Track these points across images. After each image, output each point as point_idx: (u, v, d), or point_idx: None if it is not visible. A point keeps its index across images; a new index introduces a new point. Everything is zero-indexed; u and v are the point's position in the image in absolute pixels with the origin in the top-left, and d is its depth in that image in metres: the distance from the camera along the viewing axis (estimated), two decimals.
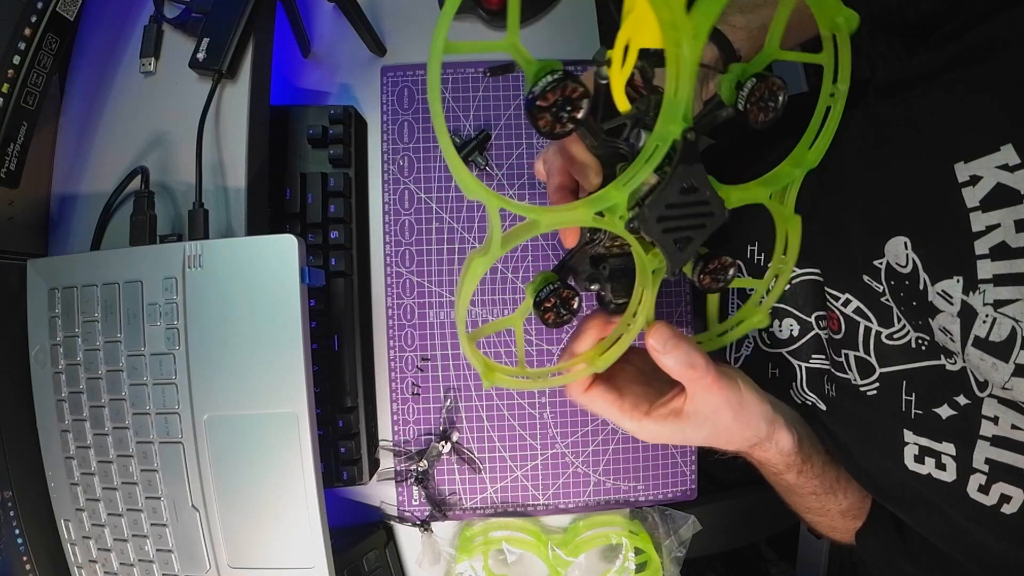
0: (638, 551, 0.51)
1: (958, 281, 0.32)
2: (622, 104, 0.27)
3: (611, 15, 0.57)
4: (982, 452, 0.32)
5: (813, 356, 0.45)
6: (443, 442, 0.52)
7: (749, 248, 0.49)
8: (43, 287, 0.43)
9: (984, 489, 0.32)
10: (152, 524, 0.41)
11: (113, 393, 0.41)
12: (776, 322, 0.47)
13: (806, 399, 0.46)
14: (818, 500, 0.45)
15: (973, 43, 0.33)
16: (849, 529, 0.47)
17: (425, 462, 0.51)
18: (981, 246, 0.30)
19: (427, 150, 0.55)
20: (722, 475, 0.58)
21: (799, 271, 0.45)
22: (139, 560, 0.41)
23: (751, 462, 0.43)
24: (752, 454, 0.40)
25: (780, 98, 0.28)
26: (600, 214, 0.28)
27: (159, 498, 0.41)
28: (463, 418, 0.53)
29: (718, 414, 0.34)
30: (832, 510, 0.46)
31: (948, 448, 0.34)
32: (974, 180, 0.31)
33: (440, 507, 0.52)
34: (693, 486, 0.54)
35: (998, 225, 0.30)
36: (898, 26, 0.44)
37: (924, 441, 0.35)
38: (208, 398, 0.40)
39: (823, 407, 0.44)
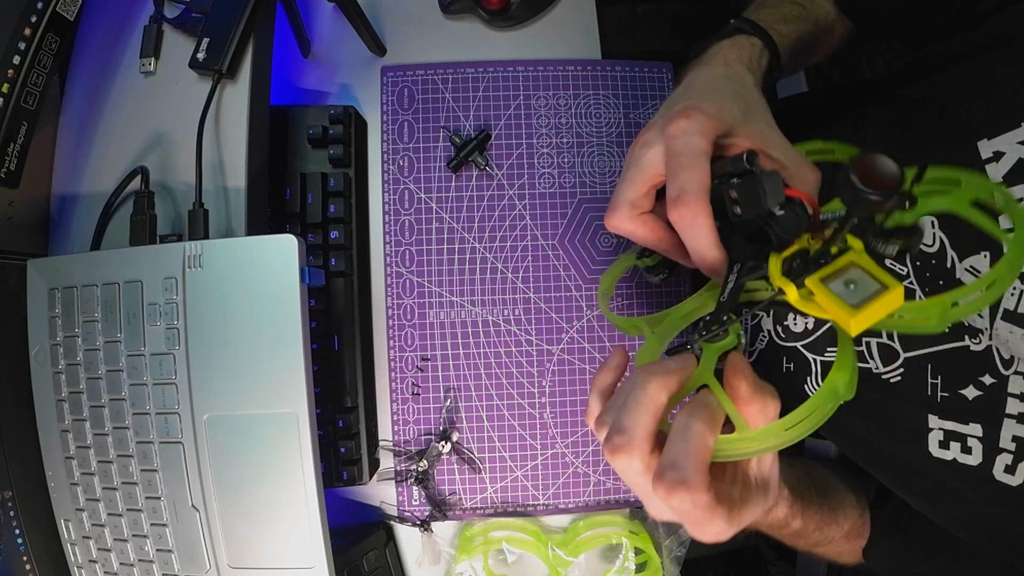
0: (638, 551, 0.51)
1: (985, 256, 0.32)
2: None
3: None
4: (1009, 431, 0.32)
5: (828, 349, 0.45)
6: (443, 442, 0.52)
7: None
8: (43, 287, 0.43)
9: (1011, 469, 0.32)
10: (152, 524, 0.41)
11: (113, 393, 0.41)
12: (791, 315, 0.46)
13: None
14: (821, 532, 0.45)
15: (993, 30, 0.34)
16: (855, 549, 0.47)
17: (425, 462, 0.51)
18: (1005, 220, 0.31)
19: (427, 150, 0.55)
20: None
21: None
22: (139, 560, 0.41)
23: (758, 529, 0.43)
24: (764, 518, 0.39)
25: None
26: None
27: (159, 498, 0.41)
28: (463, 418, 0.53)
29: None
30: (836, 536, 0.46)
31: (974, 430, 0.34)
32: (997, 156, 0.31)
33: (440, 507, 0.52)
34: None
35: (1021, 200, 0.30)
36: (897, 34, 0.44)
37: (950, 425, 0.35)
38: (208, 398, 0.40)
39: None
